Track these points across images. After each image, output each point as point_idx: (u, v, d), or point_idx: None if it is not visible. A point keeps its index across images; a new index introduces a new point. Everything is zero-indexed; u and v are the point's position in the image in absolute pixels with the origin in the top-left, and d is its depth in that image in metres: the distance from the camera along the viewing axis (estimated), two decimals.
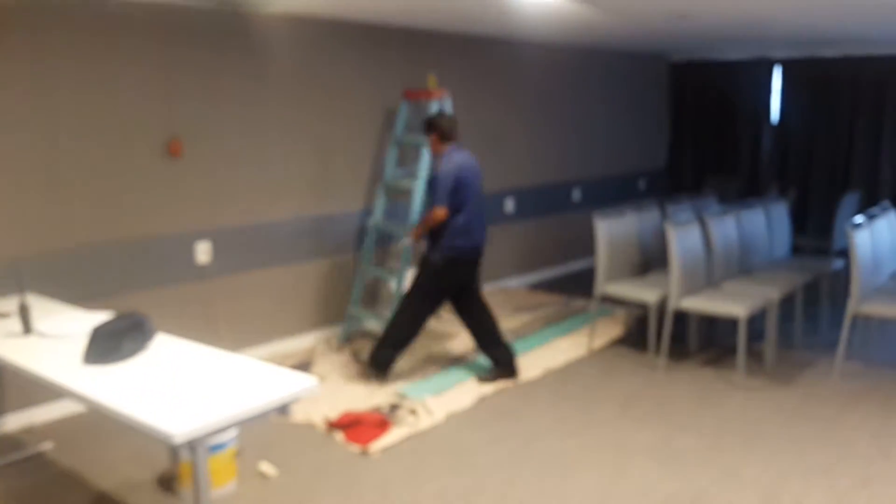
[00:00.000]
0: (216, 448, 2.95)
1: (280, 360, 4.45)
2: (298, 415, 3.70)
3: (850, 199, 5.77)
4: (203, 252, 4.22)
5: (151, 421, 2.07)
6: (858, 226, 4.22)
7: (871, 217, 4.53)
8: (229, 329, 4.39)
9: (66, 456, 3.35)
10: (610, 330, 5.06)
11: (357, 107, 4.90)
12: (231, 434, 3.01)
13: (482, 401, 3.93)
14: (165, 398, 2.23)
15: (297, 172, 4.67)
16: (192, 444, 2.08)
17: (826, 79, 6.95)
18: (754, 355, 4.57)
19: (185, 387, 2.32)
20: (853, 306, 4.13)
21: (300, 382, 2.36)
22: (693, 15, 4.60)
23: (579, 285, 6.24)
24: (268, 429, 3.55)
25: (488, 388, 4.07)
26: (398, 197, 4.99)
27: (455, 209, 3.97)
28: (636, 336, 4.96)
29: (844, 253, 4.73)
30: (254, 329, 4.55)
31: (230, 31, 4.22)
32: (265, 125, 4.46)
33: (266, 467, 3.20)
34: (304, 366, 4.35)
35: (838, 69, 6.84)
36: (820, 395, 3.97)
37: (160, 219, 4.04)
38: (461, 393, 4.00)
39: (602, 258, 4.56)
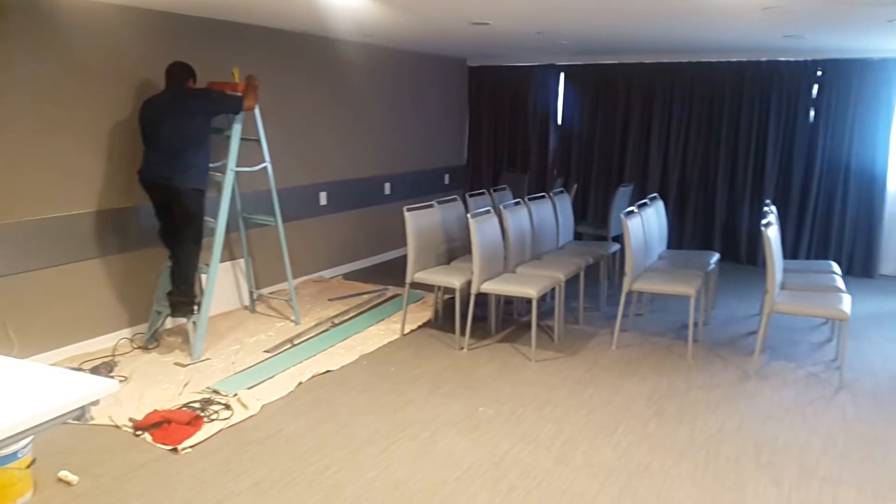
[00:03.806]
0: (6, 460, 2.75)
1: (79, 363, 4.19)
2: (101, 418, 3.51)
3: (624, 191, 6.51)
4: None
5: None
6: (631, 214, 4.80)
7: (641, 206, 5.16)
8: (19, 333, 4.04)
9: None
10: (420, 314, 5.33)
11: None
12: (23, 444, 2.81)
13: (298, 389, 3.99)
14: None
15: (96, 164, 4.40)
16: None
17: (603, 83, 7.76)
18: (546, 331, 5.06)
19: None
20: (628, 284, 4.69)
21: (98, 385, 2.25)
22: (485, 21, 4.96)
23: (392, 274, 6.48)
24: (67, 435, 3.34)
25: (305, 375, 4.13)
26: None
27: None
28: (444, 319, 5.27)
29: (619, 238, 5.36)
30: (48, 332, 4.23)
31: (23, 15, 3.88)
32: (59, 114, 4.16)
33: (66, 475, 3.02)
34: (106, 367, 4.12)
35: (614, 74, 7.67)
36: (602, 364, 4.49)
37: None
38: (276, 383, 4.03)
39: (412, 248, 4.78)
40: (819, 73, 6.77)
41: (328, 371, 4.26)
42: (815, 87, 6.83)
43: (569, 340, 4.91)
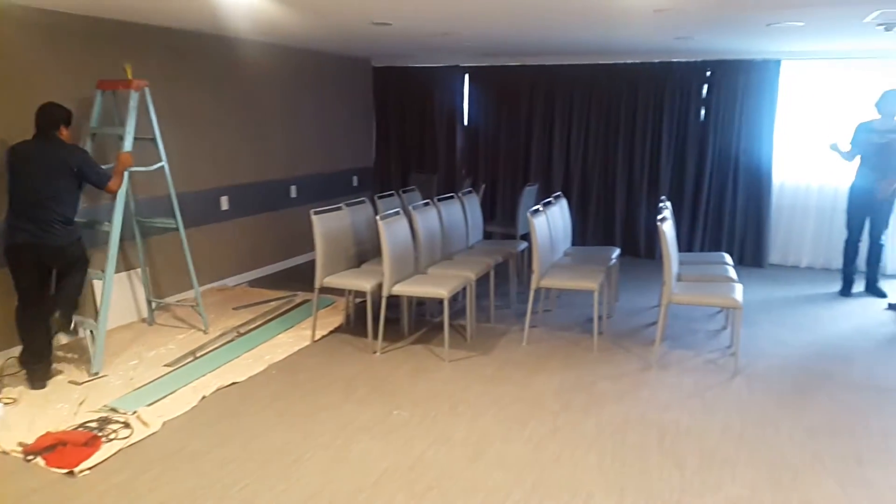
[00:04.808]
0: None
1: None
2: None
3: (530, 190, 6.64)
4: None
5: None
6: (536, 213, 4.90)
7: (546, 205, 5.28)
8: None
9: None
10: (331, 320, 5.24)
11: (44, 97, 4.44)
12: None
13: (202, 404, 3.84)
14: None
15: None
16: None
17: (507, 84, 7.88)
18: (458, 330, 5.09)
19: None
20: (535, 281, 4.78)
21: None
22: (387, 21, 4.94)
23: (301, 279, 6.35)
24: None
25: (209, 389, 3.98)
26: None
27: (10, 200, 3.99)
28: (356, 323, 5.21)
29: (528, 236, 5.45)
30: None
31: None
32: None
33: None
34: None
35: (517, 76, 7.80)
36: (513, 361, 4.55)
37: None
38: (178, 398, 3.87)
39: (320, 252, 4.70)
40: (708, 73, 7.13)
41: (234, 383, 4.12)
42: (705, 87, 7.18)
43: (481, 339, 4.96)
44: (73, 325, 4.23)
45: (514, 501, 2.92)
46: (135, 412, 3.65)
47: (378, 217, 4.55)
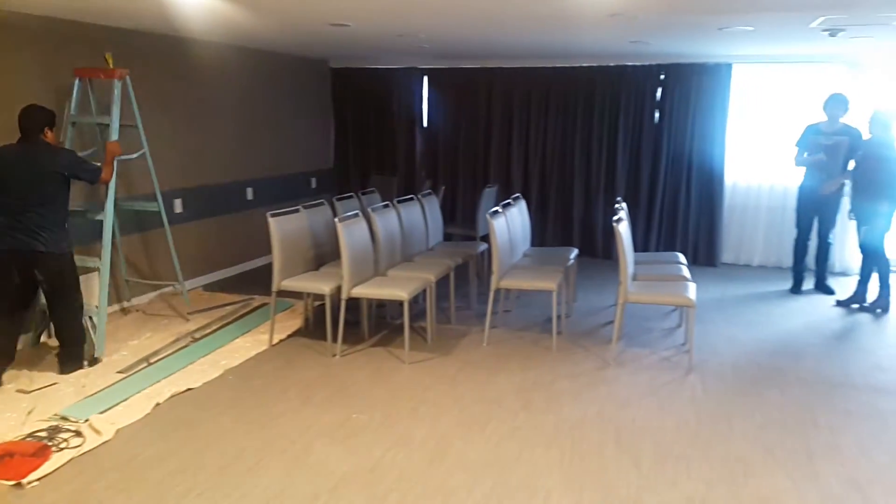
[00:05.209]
0: None
1: None
2: None
3: (490, 192, 6.68)
4: None
5: None
6: (496, 214, 4.93)
7: (505, 206, 5.31)
8: None
9: None
10: (290, 323, 5.19)
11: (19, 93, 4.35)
12: None
13: (156, 411, 3.76)
14: None
15: None
16: None
17: (466, 86, 7.91)
18: (419, 332, 5.09)
19: None
20: (495, 282, 4.81)
21: None
22: (345, 22, 4.91)
23: (258, 282, 6.26)
24: None
25: (163, 395, 3.90)
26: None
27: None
28: (315, 326, 5.16)
29: (488, 238, 5.47)
30: None
31: None
32: None
33: None
34: None
35: (475, 78, 7.83)
36: (474, 362, 4.57)
37: None
38: (131, 406, 3.78)
39: (277, 254, 4.64)
40: (662, 76, 7.26)
41: (189, 389, 4.04)
42: (659, 90, 7.31)
43: (441, 340, 4.96)
44: (95, 357, 4.33)
45: (475, 501, 2.93)
46: (86, 420, 3.56)
47: (337, 219, 4.52)
